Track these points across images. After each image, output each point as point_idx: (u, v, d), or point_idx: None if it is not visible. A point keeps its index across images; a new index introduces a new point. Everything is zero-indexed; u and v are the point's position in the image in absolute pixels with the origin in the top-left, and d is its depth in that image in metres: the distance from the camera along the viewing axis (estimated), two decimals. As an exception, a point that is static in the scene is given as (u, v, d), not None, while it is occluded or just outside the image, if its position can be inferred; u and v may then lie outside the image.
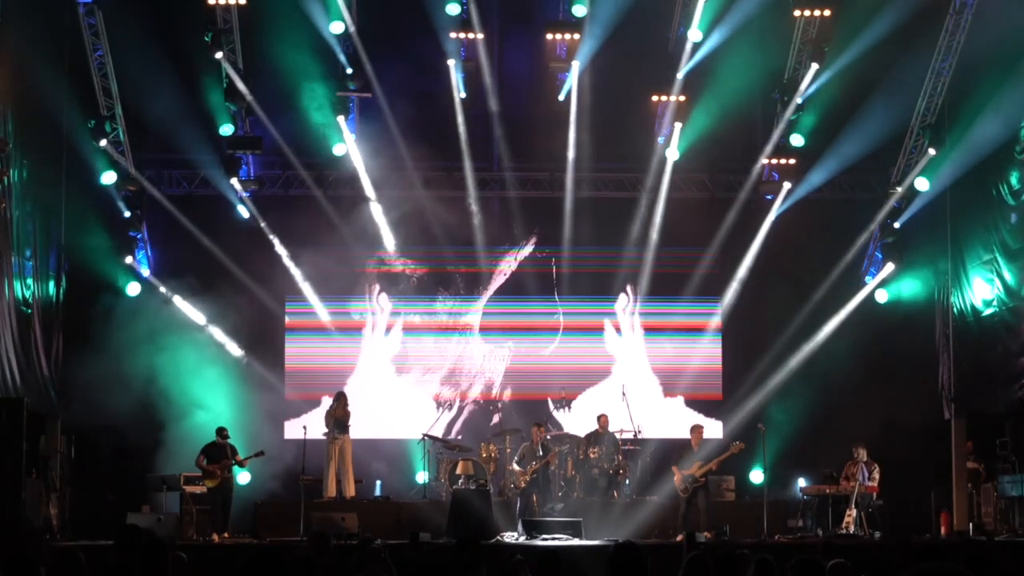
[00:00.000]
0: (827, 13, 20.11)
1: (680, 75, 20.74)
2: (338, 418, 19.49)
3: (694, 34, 20.37)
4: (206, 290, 20.71)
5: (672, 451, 19.23)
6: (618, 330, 21.99)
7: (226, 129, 20.77)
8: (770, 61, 20.96)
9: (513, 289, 21.96)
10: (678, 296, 21.82)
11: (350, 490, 19.39)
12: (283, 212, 21.66)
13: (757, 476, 20.47)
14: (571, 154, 21.47)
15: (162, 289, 20.98)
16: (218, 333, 20.93)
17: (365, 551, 9.84)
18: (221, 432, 18.69)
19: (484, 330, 21.89)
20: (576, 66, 20.65)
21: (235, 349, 21.06)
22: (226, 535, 18.02)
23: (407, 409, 21.46)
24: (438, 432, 20.89)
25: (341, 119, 20.85)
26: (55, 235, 19.98)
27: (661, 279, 21.83)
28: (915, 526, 19.36)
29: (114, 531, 8.78)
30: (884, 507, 18.98)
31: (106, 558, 8.62)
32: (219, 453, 18.46)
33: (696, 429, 18.98)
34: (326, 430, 19.36)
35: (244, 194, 21.24)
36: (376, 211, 21.49)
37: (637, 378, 21.53)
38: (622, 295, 21.98)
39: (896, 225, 21.56)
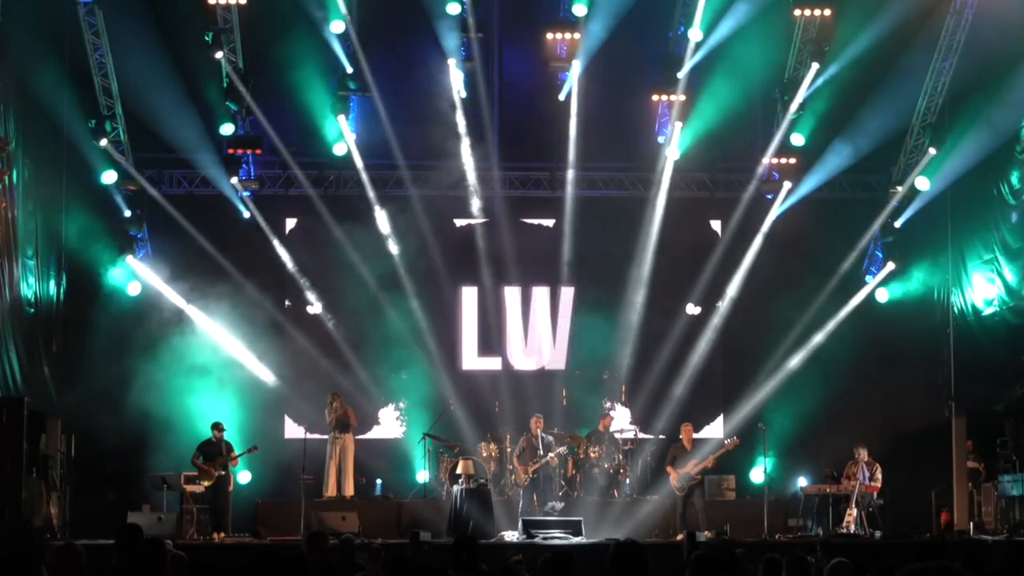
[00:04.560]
0: (827, 13, 20.12)
1: (681, 75, 20.73)
2: (338, 418, 19.50)
3: (694, 34, 20.37)
4: (206, 289, 20.70)
5: (664, 452, 19.24)
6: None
7: (226, 129, 20.77)
8: (770, 61, 20.96)
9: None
10: (678, 295, 21.81)
11: (349, 489, 19.40)
12: (283, 212, 21.74)
13: (757, 475, 20.47)
14: (571, 154, 21.47)
15: (162, 288, 20.98)
16: (218, 332, 20.92)
17: (347, 550, 9.85)
18: (217, 427, 18.65)
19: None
20: (576, 66, 20.65)
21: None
22: (223, 534, 18.00)
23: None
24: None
25: (341, 118, 20.86)
26: (56, 235, 20.02)
27: (661, 276, 21.80)
28: (915, 526, 19.35)
29: (114, 531, 8.78)
30: (884, 506, 18.99)
31: (106, 558, 8.62)
32: (214, 451, 18.42)
33: (686, 428, 18.99)
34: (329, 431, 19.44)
35: (244, 193, 21.25)
36: (380, 217, 21.50)
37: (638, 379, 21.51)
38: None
39: (897, 224, 21.55)
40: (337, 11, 20.06)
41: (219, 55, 19.99)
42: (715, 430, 21.15)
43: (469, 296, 21.91)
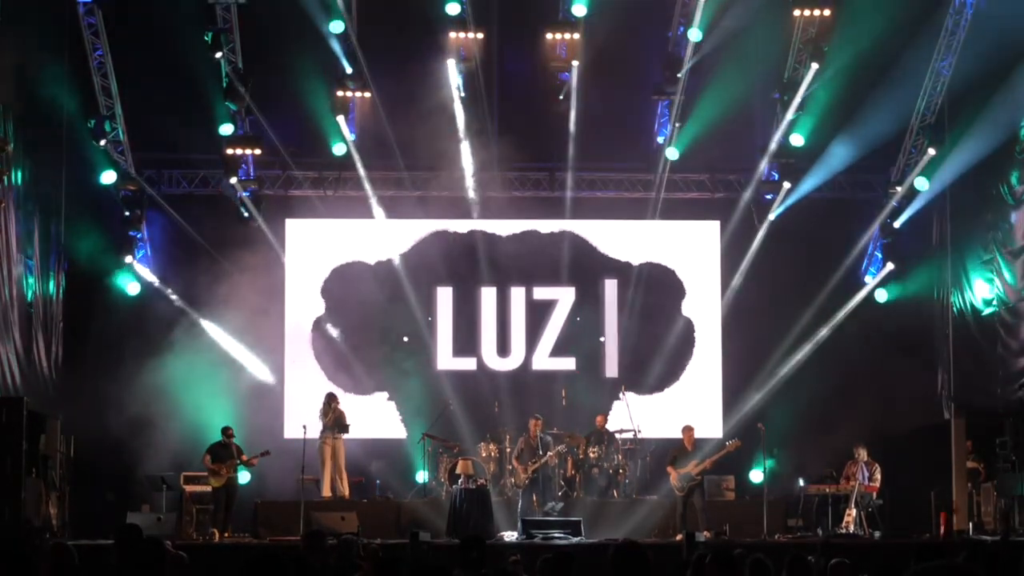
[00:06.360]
0: (827, 13, 20.11)
1: (680, 75, 20.73)
2: (336, 418, 19.48)
3: (694, 34, 20.37)
4: (205, 289, 20.70)
5: (665, 453, 19.24)
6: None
7: (226, 129, 20.77)
8: (770, 61, 20.96)
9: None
10: (678, 295, 21.82)
11: (345, 490, 19.39)
12: (283, 212, 21.75)
13: (757, 475, 20.46)
14: (571, 154, 21.47)
15: (161, 288, 20.98)
16: (217, 332, 20.92)
17: (346, 550, 9.84)
18: (226, 431, 18.69)
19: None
20: (576, 66, 20.64)
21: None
22: (227, 534, 18.04)
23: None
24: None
25: (341, 119, 20.86)
26: (55, 234, 20.02)
27: (661, 275, 21.80)
28: (915, 526, 19.34)
29: (114, 531, 8.79)
30: (884, 506, 18.98)
31: (106, 558, 8.63)
32: (224, 453, 18.47)
33: (687, 429, 18.99)
34: (322, 431, 19.41)
35: (243, 194, 21.25)
36: (379, 217, 21.51)
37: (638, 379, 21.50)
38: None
39: (896, 225, 21.55)
40: (336, 11, 20.07)
41: (219, 55, 19.99)
42: (715, 430, 21.12)
43: (467, 297, 21.88)
